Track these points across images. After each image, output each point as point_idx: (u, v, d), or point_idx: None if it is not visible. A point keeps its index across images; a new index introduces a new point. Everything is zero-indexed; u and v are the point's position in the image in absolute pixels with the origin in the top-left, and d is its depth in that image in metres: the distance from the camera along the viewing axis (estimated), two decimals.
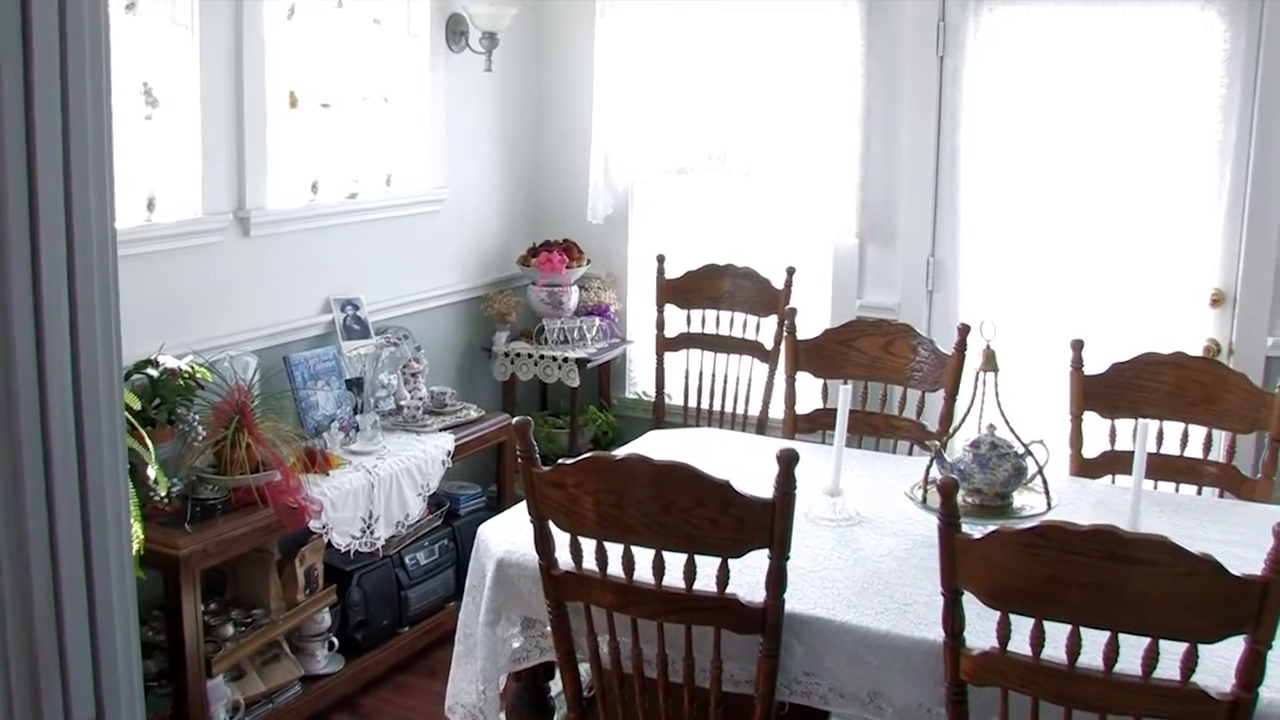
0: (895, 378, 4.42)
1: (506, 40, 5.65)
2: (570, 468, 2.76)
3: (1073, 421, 4.11)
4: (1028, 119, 5.29)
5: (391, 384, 4.93)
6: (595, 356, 5.73)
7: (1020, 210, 5.40)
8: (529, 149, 6.22)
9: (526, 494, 2.86)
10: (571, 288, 5.88)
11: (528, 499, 2.87)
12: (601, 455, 2.74)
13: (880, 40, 5.45)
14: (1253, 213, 4.99)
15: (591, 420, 6.01)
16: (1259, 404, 3.93)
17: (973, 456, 3.27)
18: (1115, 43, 5.10)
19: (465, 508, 5.08)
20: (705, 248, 5.89)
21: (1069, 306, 5.32)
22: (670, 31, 5.86)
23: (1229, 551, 3.27)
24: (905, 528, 3.43)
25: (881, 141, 5.53)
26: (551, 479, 2.81)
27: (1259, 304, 5.06)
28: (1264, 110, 4.92)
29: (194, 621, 3.74)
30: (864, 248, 5.68)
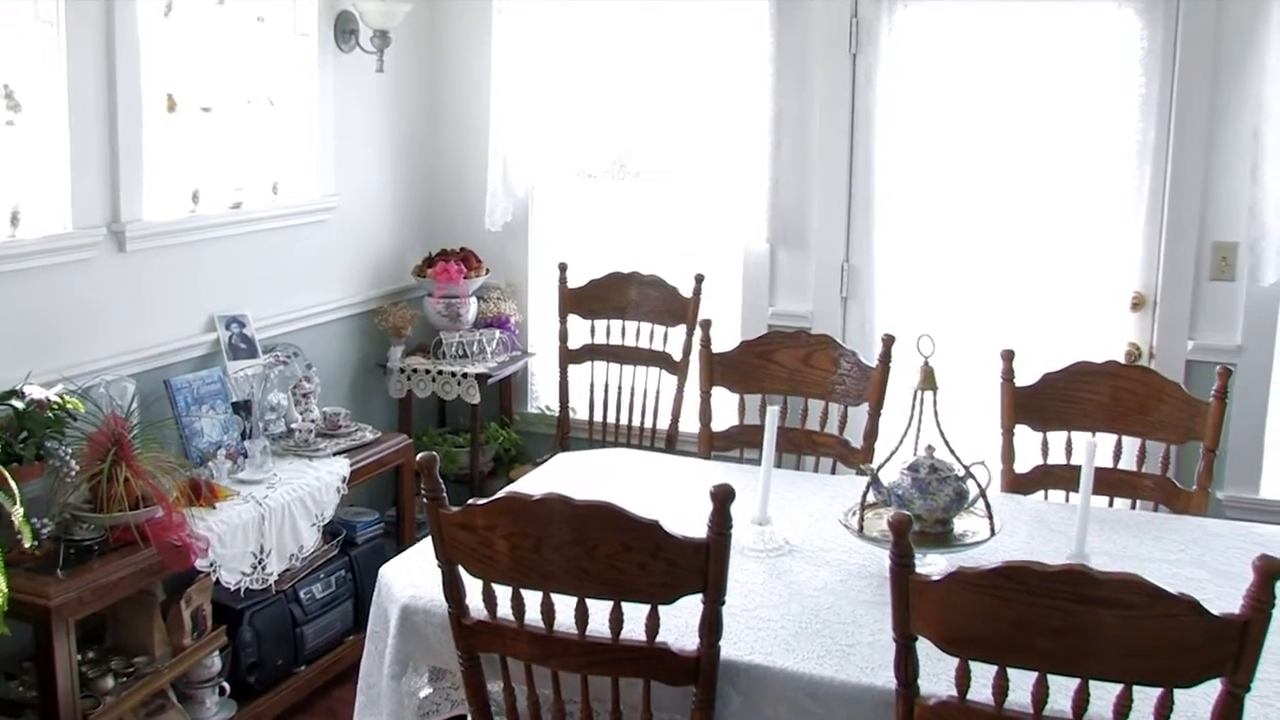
0: (817, 392, 4.24)
1: (399, 39, 5.38)
2: (482, 509, 2.51)
3: (1004, 436, 3.94)
4: (944, 118, 5.15)
5: (281, 405, 4.64)
6: (496, 371, 5.48)
7: (937, 213, 5.26)
8: (424, 153, 5.95)
9: (433, 537, 2.61)
10: (469, 299, 5.62)
11: (435, 543, 2.61)
12: (517, 495, 2.49)
13: (790, 37, 5.26)
14: (1172, 214, 4.91)
15: (493, 438, 5.76)
16: (1193, 413, 3.81)
17: (911, 481, 3.07)
18: (1033, 41, 4.99)
19: (363, 535, 4.81)
20: (609, 255, 5.69)
21: (988, 312, 5.21)
22: (571, 29, 5.63)
23: (1177, 573, 3.19)
24: (839, 557, 3.22)
25: (793, 143, 5.34)
26: (461, 521, 2.55)
27: (1179, 307, 4.98)
28: (1182, 109, 4.84)
29: (68, 675, 3.41)
30: (775, 253, 5.49)
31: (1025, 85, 5.03)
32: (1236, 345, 4.93)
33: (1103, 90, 4.90)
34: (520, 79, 5.62)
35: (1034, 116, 5.03)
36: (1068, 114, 4.98)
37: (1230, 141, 4.82)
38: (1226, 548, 3.38)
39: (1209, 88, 4.81)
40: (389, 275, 5.73)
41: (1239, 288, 4.91)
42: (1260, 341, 4.91)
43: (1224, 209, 4.88)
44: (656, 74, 5.58)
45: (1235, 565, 3.23)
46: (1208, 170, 4.86)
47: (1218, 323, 4.95)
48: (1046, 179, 5.07)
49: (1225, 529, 3.55)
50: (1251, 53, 4.74)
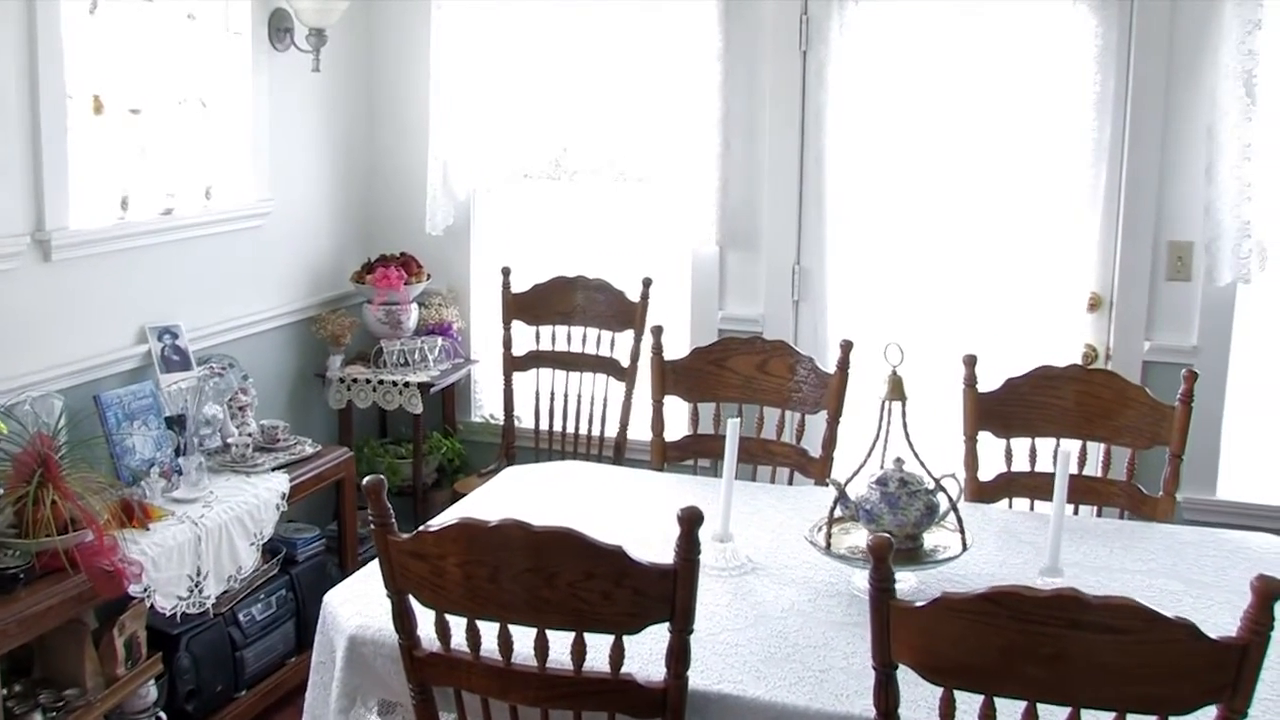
0: (773, 399, 4.12)
1: (335, 38, 5.21)
2: (433, 536, 2.36)
3: (966, 443, 3.84)
4: (897, 117, 5.06)
5: (217, 419, 4.46)
6: (438, 379, 5.33)
7: (890, 213, 5.17)
8: (362, 156, 5.78)
9: (382, 566, 2.46)
10: (410, 305, 5.46)
11: (384, 572, 2.46)
12: (471, 521, 2.34)
13: (739, 34, 5.14)
14: (1128, 213, 4.86)
15: (436, 448, 5.60)
16: (1159, 418, 3.74)
17: (880, 495, 2.95)
18: (986, 38, 4.92)
19: (303, 553, 4.64)
20: (554, 259, 5.55)
21: (943, 314, 5.13)
22: (513, 27, 5.47)
23: (1151, 584, 3.11)
24: (804, 574, 3.10)
25: (742, 142, 5.23)
26: (411, 549, 2.40)
27: (1136, 307, 4.92)
28: (1137, 107, 4.79)
29: None
30: (725, 256, 5.38)
31: (979, 83, 4.95)
32: (1193, 346, 4.88)
33: (1057, 88, 4.82)
34: (461, 78, 5.46)
35: (988, 115, 4.96)
36: (1022, 112, 4.91)
37: (1185, 140, 4.77)
38: (1198, 556, 3.30)
39: (1164, 85, 4.76)
40: (327, 282, 5.56)
41: (1195, 288, 4.87)
42: (1216, 342, 4.87)
43: (1179, 208, 4.83)
44: (602, 73, 5.46)
45: (1208, 575, 3.17)
46: (1163, 169, 4.81)
47: (1174, 323, 4.91)
48: (1001, 179, 5.00)
49: (1195, 536, 3.47)
50: (1205, 49, 4.69)
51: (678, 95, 5.22)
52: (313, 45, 5.04)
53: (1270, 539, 3.48)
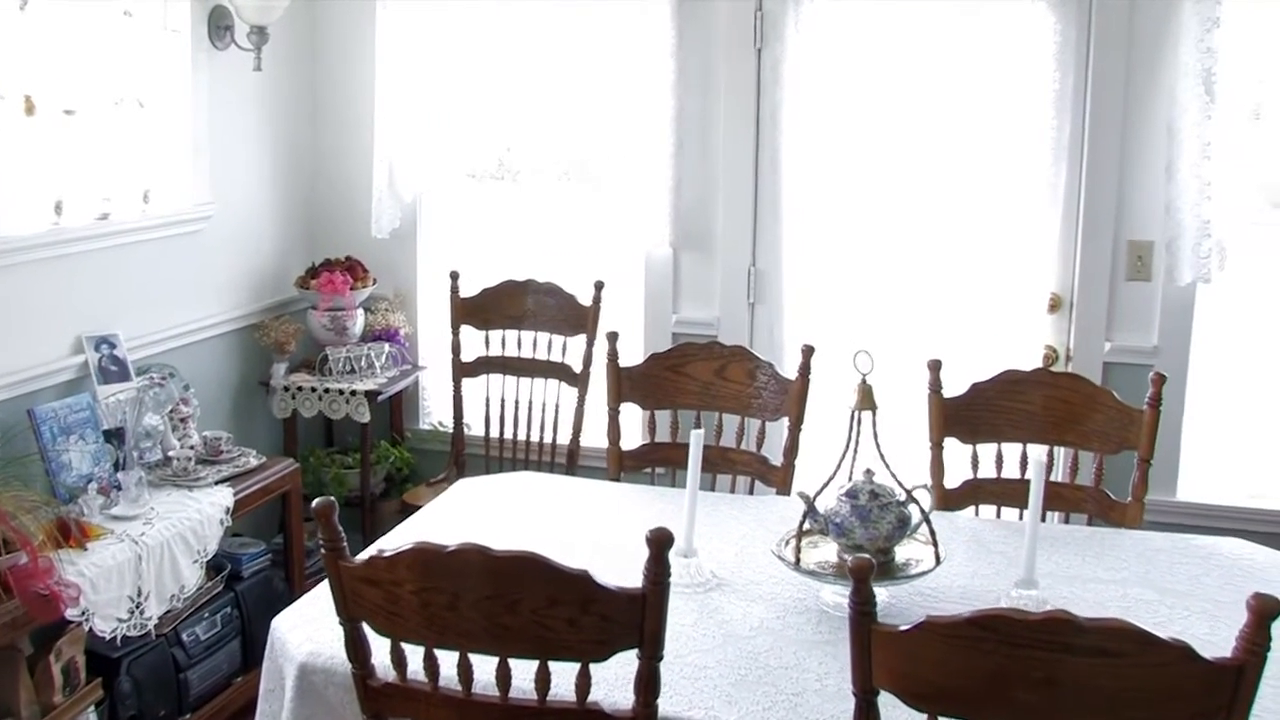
0: (732, 406, 4.02)
1: (278, 36, 5.05)
2: (388, 561, 2.24)
3: (932, 450, 3.75)
4: (854, 116, 4.98)
5: (158, 431, 4.31)
6: (386, 387, 5.20)
7: (848, 214, 5.09)
8: (305, 157, 5.63)
9: (334, 592, 2.33)
10: (356, 311, 5.33)
11: (336, 599, 2.33)
12: (428, 546, 2.21)
13: (693, 32, 5.03)
14: (1088, 212, 4.81)
15: (384, 457, 5.47)
16: (1127, 422, 3.66)
17: (851, 508, 2.85)
18: (945, 35, 4.84)
19: (249, 568, 4.49)
20: (504, 262, 5.44)
21: (902, 316, 5.07)
22: (461, 25, 5.34)
23: (1125, 594, 3.05)
24: (771, 590, 3.00)
25: (696, 142, 5.12)
26: (365, 575, 2.27)
27: (1096, 308, 4.87)
28: (1096, 104, 4.74)
29: None
30: (678, 258, 5.27)
31: (937, 81, 4.88)
32: (1153, 346, 4.84)
33: (1016, 86, 4.75)
34: (407, 77, 5.32)
35: (947, 113, 4.89)
36: (981, 110, 4.85)
37: (1145, 138, 4.72)
38: (1170, 563, 3.25)
39: (1123, 83, 4.70)
40: (270, 287, 5.41)
41: (1155, 288, 4.83)
42: (1176, 342, 4.83)
43: (1140, 207, 4.78)
44: (552, 71, 5.34)
45: (1181, 583, 3.12)
46: (1123, 168, 4.76)
47: (1134, 324, 4.86)
48: (961, 178, 4.93)
49: (1165, 543, 3.40)
50: (1165, 47, 4.64)
51: (630, 93, 5.11)
52: (254, 43, 4.88)
53: (1240, 544, 3.42)
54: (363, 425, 5.14)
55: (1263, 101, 4.71)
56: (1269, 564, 3.28)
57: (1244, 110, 4.66)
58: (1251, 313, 4.93)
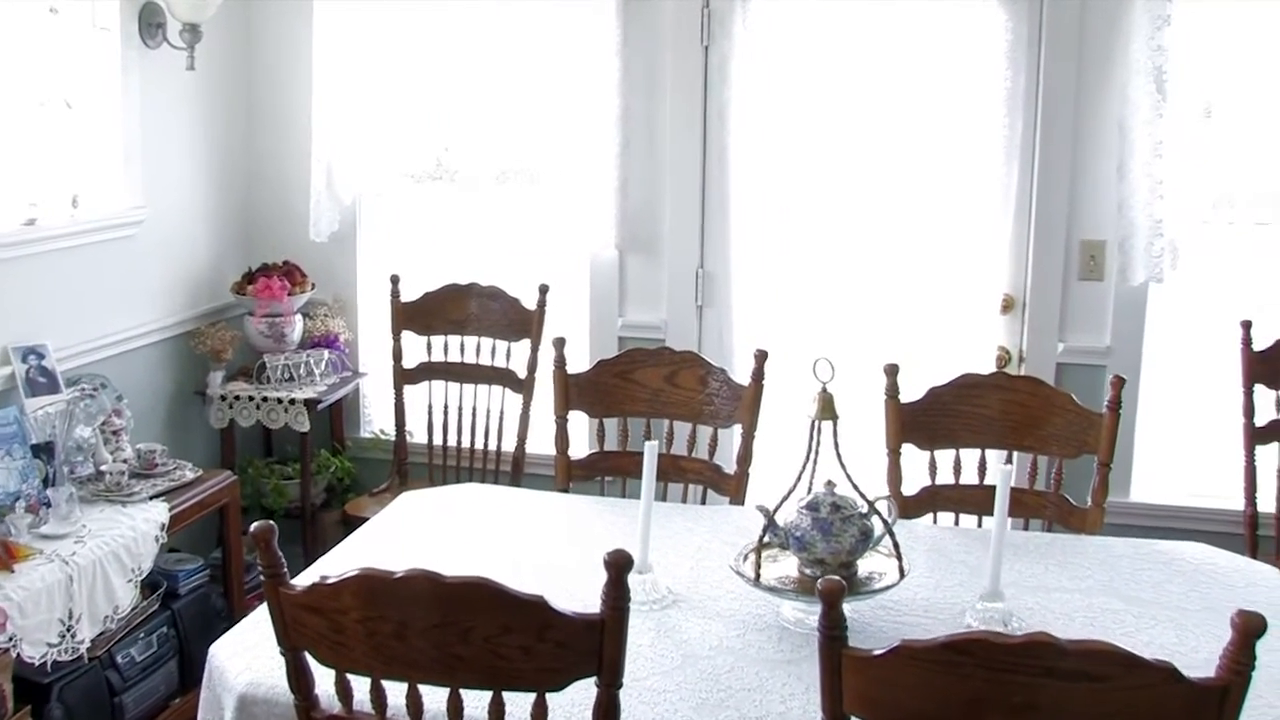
0: (683, 413, 3.92)
1: (211, 34, 4.90)
2: (331, 589, 2.12)
3: (890, 456, 3.67)
4: (803, 114, 4.91)
5: (89, 445, 4.16)
6: (326, 395, 5.07)
7: (797, 214, 5.03)
8: (241, 159, 5.48)
9: (274, 620, 2.21)
10: (294, 317, 5.20)
11: (276, 627, 2.21)
12: (374, 572, 2.09)
13: (638, 29, 4.94)
14: (1040, 212, 4.78)
15: (324, 467, 5.33)
16: (1086, 425, 3.61)
17: (812, 521, 2.76)
18: (895, 32, 4.79)
19: (185, 585, 4.34)
20: (446, 266, 5.33)
21: (852, 317, 5.02)
22: (400, 23, 5.22)
23: (1091, 604, 2.98)
24: (729, 606, 2.90)
25: (642, 141, 5.03)
26: (307, 602, 2.16)
27: (1049, 308, 4.84)
28: (1048, 103, 4.71)
29: None
30: (624, 260, 5.18)
31: (888, 79, 4.82)
32: (1106, 346, 4.83)
33: (967, 84, 4.71)
34: (346, 77, 5.19)
35: (897, 112, 4.84)
36: (932, 109, 4.80)
37: (1097, 136, 4.70)
38: (1133, 570, 3.19)
39: (1074, 81, 4.68)
40: (205, 294, 5.26)
41: (1107, 287, 4.81)
42: (1129, 342, 4.82)
43: (1092, 206, 4.76)
44: (495, 70, 5.22)
45: (1146, 591, 3.06)
46: (1075, 166, 4.74)
47: (1087, 324, 4.84)
48: (912, 177, 4.88)
49: (1128, 549, 3.35)
50: (1116, 45, 4.61)
51: (574, 92, 5.01)
52: (187, 42, 4.73)
53: (1202, 549, 3.38)
54: (302, 434, 5.01)
55: (1213, 99, 4.68)
56: (1231, 569, 3.24)
57: (1195, 108, 4.63)
58: (1201, 312, 4.88)
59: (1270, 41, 4.59)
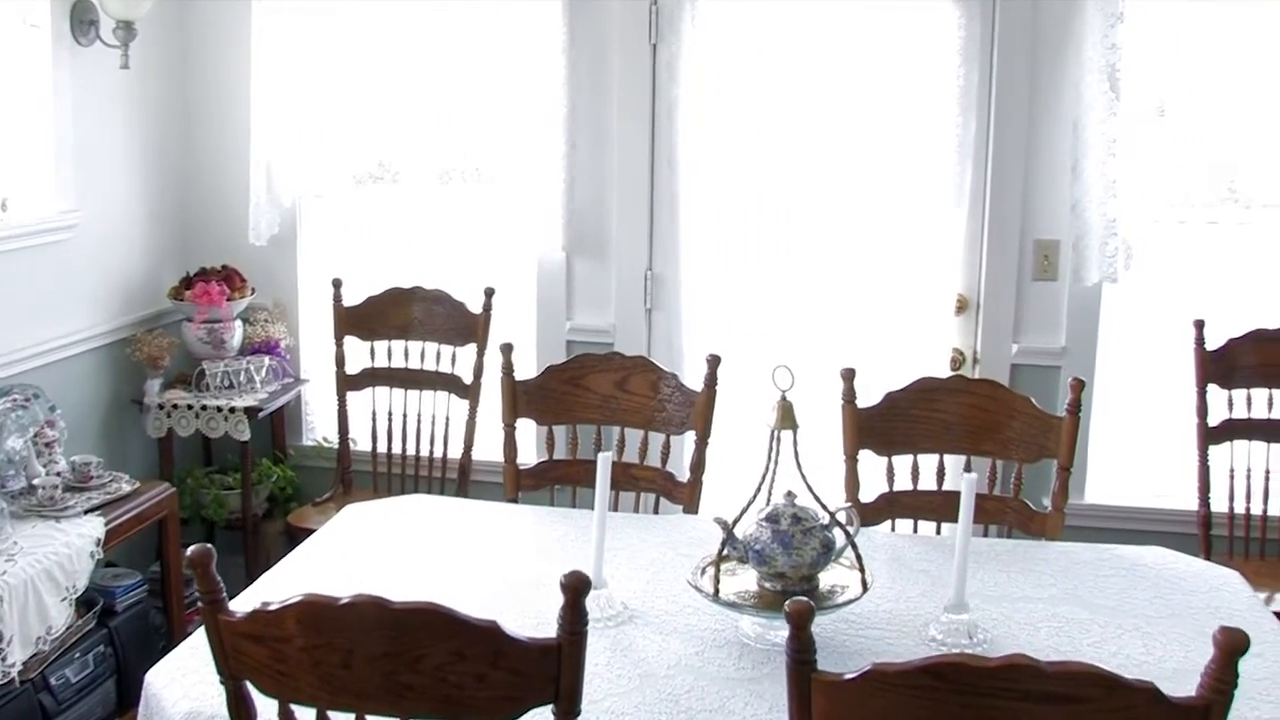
0: (635, 420, 3.83)
1: (146, 31, 4.76)
2: (274, 616, 2.01)
3: (847, 463, 3.59)
4: (754, 113, 4.84)
5: (21, 457, 4.02)
6: (267, 402, 4.94)
7: (748, 215, 4.96)
8: (178, 160, 5.33)
9: (213, 649, 2.10)
10: (234, 323, 5.06)
11: (216, 656, 2.09)
12: (318, 598, 1.99)
13: (585, 27, 4.85)
14: (994, 212, 4.74)
15: (266, 476, 5.20)
16: (1046, 429, 3.55)
17: (772, 534, 2.67)
18: (847, 30, 4.75)
19: (123, 602, 4.20)
20: (389, 269, 5.21)
21: (805, 320, 4.96)
22: (342, 20, 5.09)
23: (1056, 613, 2.92)
24: (687, 621, 2.81)
25: (589, 141, 4.94)
26: (248, 630, 2.04)
27: (1003, 309, 4.81)
28: (1001, 102, 4.67)
29: None
30: (572, 263, 5.08)
31: (840, 77, 4.77)
32: (1060, 347, 4.79)
33: (921, 82, 4.66)
34: (285, 76, 5.06)
35: (850, 111, 4.78)
36: (885, 107, 4.74)
37: (1051, 135, 4.67)
38: (1096, 577, 3.15)
39: (1028, 80, 4.65)
40: (142, 299, 5.12)
41: (1062, 288, 4.79)
42: (1083, 342, 4.80)
43: (1046, 206, 4.73)
44: (439, 68, 5.11)
45: (1110, 598, 3.02)
46: (1029, 166, 4.70)
47: (1041, 324, 4.81)
48: (865, 176, 4.82)
49: (1090, 555, 3.31)
50: (1069, 43, 4.58)
51: (520, 91, 4.91)
52: (120, 39, 4.59)
53: (1162, 553, 3.34)
54: (243, 443, 4.88)
55: (1167, 97, 4.64)
56: (1192, 574, 3.20)
57: (1148, 107, 4.59)
58: (1154, 312, 4.86)
59: (1221, 39, 4.57)
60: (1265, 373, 4.46)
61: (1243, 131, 4.67)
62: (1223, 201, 4.81)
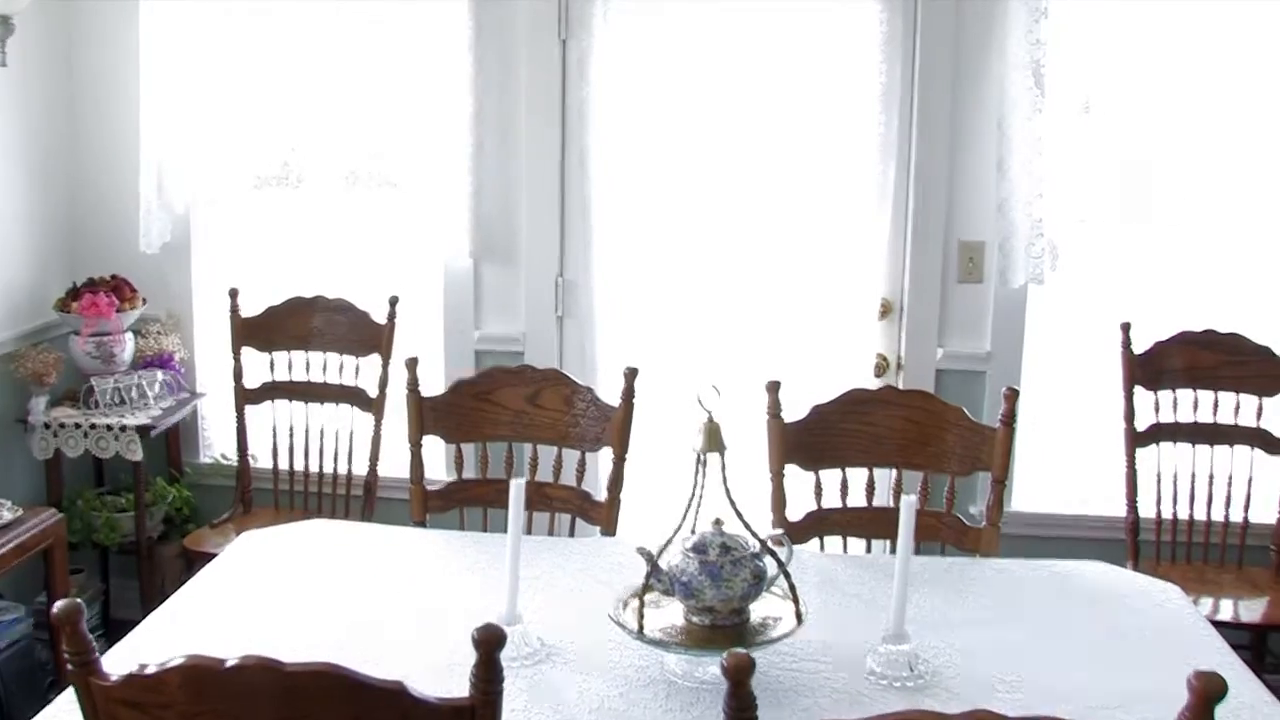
0: (548, 436, 3.65)
1: (25, 27, 4.51)
2: (153, 680, 1.78)
3: (773, 480, 3.44)
4: (669, 113, 4.70)
5: None
6: (160, 420, 4.71)
7: (664, 219, 4.81)
8: (63, 164, 5.07)
9: (86, 716, 1.88)
10: (124, 335, 4.84)
11: None
12: (202, 662, 1.77)
13: (492, 22, 4.67)
14: (917, 213, 4.63)
15: (161, 496, 4.96)
16: (980, 441, 3.43)
17: (700, 565, 2.49)
18: (765, 26, 4.60)
19: (6, 638, 3.98)
20: (291, 277, 5.01)
21: (724, 327, 4.81)
22: (236, 15, 4.86)
23: (1000, 639, 2.78)
24: (609, 658, 2.62)
25: (496, 142, 4.76)
26: (124, 695, 1.82)
27: (928, 313, 4.70)
28: (924, 99, 4.57)
29: None
30: (480, 269, 4.90)
31: (758, 75, 4.63)
32: (986, 352, 4.71)
33: (842, 80, 4.55)
34: (177, 73, 4.80)
35: (769, 109, 4.65)
36: (805, 106, 4.62)
37: (975, 133, 4.58)
38: (1036, 596, 3.04)
39: (951, 76, 4.55)
40: (25, 312, 4.86)
41: (987, 290, 4.70)
42: (1009, 346, 4.72)
43: (970, 206, 4.64)
44: (339, 66, 4.91)
45: (1051, 619, 2.91)
46: (953, 165, 4.61)
47: (966, 328, 4.73)
48: (785, 177, 4.70)
49: (1026, 571, 3.19)
50: (993, 38, 4.49)
51: (425, 90, 4.71)
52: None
53: (1100, 568, 3.24)
54: (135, 463, 4.65)
55: (1092, 94, 4.57)
56: (1133, 590, 3.11)
57: (1074, 104, 4.51)
58: (1080, 314, 4.79)
59: (1146, 34, 4.50)
60: (1192, 375, 4.43)
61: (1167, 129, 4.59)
62: (1146, 201, 4.73)
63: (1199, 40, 4.46)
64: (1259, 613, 4.23)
